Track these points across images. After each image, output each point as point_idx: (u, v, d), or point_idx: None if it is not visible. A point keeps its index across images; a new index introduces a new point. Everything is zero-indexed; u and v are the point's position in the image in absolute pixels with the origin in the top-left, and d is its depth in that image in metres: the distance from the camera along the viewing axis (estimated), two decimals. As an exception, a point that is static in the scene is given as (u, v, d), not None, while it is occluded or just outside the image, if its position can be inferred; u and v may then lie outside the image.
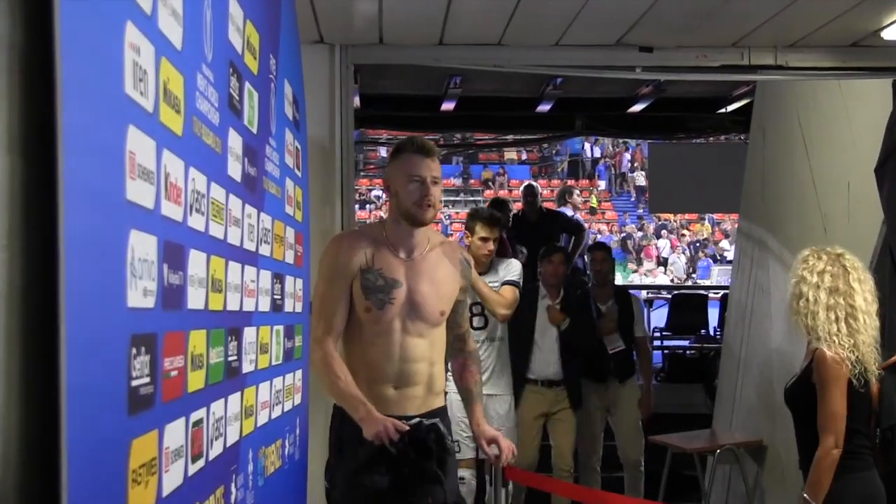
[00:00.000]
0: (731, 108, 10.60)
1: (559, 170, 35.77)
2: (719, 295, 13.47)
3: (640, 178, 32.48)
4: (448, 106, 10.16)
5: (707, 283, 23.95)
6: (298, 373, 4.33)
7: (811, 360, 4.27)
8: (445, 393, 4.21)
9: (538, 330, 7.56)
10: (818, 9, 5.01)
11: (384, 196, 4.71)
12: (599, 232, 32.32)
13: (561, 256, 7.90)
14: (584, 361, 7.62)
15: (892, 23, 5.19)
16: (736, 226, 10.61)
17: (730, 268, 10.72)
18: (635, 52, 5.69)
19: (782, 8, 4.98)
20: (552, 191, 31.55)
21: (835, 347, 4.16)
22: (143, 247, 2.02)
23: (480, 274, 7.05)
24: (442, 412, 3.99)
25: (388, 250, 3.86)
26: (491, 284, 7.16)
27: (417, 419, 3.80)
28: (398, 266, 3.85)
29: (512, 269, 7.41)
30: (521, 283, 7.30)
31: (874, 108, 6.38)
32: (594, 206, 34.75)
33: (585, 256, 10.00)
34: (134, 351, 1.96)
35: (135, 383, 1.96)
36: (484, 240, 7.06)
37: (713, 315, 13.38)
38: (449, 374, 5.97)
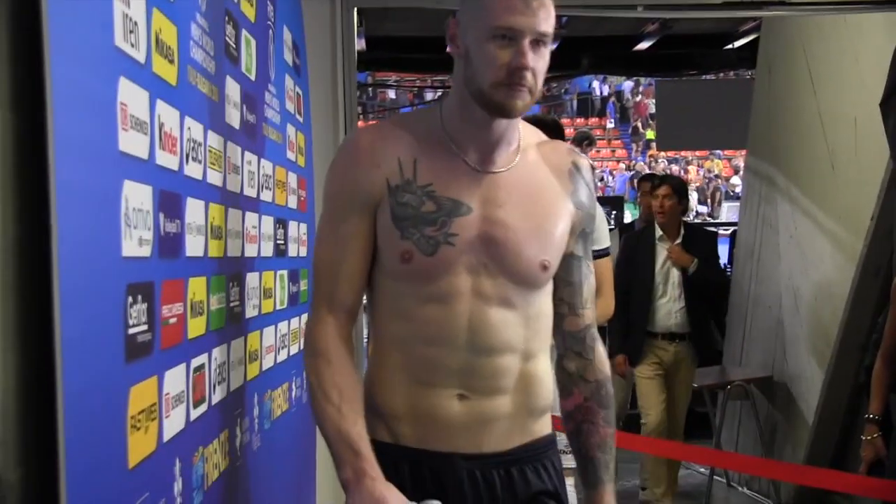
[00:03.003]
0: (737, 44, 10.59)
1: (568, 108, 35.66)
2: (729, 231, 13.50)
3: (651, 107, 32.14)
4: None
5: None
6: (304, 316, 4.36)
7: None
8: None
9: (659, 276, 6.95)
10: (820, -57, 4.99)
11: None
12: (613, 171, 32.27)
13: (668, 189, 7.17)
14: (713, 309, 7.07)
15: (895, -45, 5.16)
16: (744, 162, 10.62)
17: (738, 204, 10.73)
18: (637, -12, 5.68)
19: (784, -57, 4.97)
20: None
21: None
22: (137, 196, 2.05)
23: None
24: (546, 449, 2.54)
25: (445, 154, 2.42)
26: None
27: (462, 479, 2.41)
28: (464, 180, 2.41)
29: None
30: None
31: (881, 43, 6.36)
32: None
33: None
34: (130, 299, 1.99)
35: (132, 331, 2.00)
36: None
37: (723, 251, 13.43)
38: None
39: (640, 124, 34.95)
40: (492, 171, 2.43)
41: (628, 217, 14.47)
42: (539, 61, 2.34)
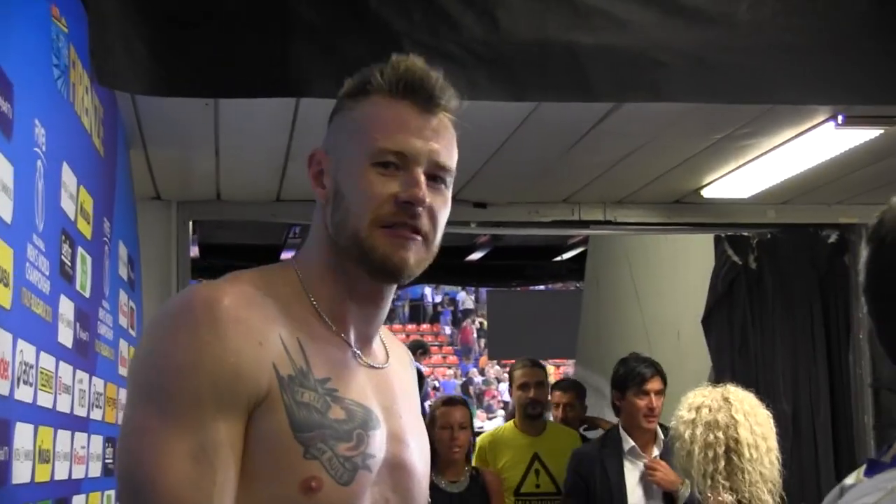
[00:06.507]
0: (566, 255, 10.88)
1: (400, 314, 35.91)
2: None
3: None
4: (288, 255, 10.20)
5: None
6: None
7: None
8: None
9: None
10: (642, 169, 5.23)
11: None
12: (443, 377, 32.41)
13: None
14: None
15: (710, 183, 5.44)
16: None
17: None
18: (470, 207, 5.82)
19: (609, 168, 5.19)
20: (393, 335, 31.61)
21: (713, 491, 3.64)
22: (-35, 427, 2.00)
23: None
24: None
25: (327, 335, 1.71)
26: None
27: None
28: (359, 376, 1.73)
29: None
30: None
31: (700, 258, 6.64)
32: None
33: (426, 405, 9.99)
34: (-48, 536, 1.93)
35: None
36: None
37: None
38: None
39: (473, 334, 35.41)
40: (375, 365, 1.77)
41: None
42: (439, 202, 1.71)
